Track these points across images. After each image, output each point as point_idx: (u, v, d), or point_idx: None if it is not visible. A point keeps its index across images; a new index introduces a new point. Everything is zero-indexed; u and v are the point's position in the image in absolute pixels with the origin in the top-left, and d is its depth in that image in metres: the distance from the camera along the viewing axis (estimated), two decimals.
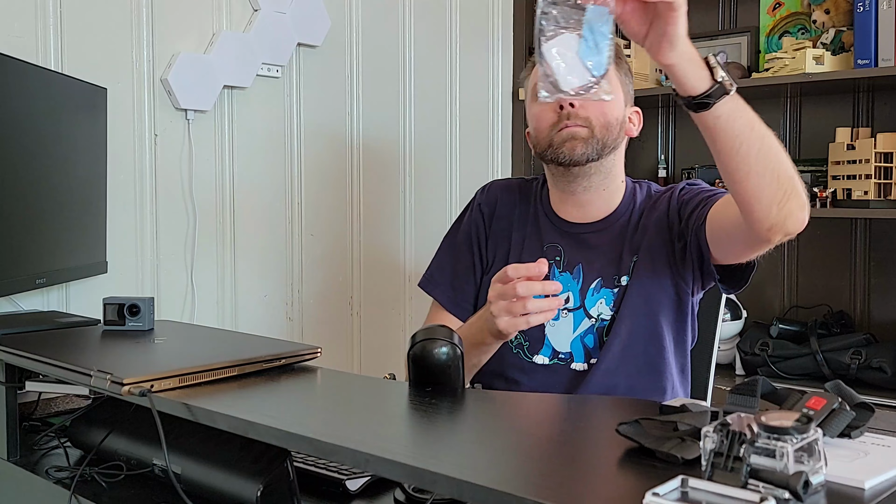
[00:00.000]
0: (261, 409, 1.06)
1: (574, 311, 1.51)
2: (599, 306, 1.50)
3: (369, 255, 2.51)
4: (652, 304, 1.48)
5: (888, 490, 0.71)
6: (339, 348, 2.45)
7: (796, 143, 2.72)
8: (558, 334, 1.50)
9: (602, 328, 1.49)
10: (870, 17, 2.33)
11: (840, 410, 0.79)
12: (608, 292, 1.50)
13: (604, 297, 1.50)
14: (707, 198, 1.43)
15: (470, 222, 1.66)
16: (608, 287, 1.50)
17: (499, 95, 2.90)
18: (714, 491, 0.66)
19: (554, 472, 0.81)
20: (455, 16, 2.75)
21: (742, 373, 2.57)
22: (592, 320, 1.50)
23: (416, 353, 1.09)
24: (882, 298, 2.55)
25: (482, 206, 1.66)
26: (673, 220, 1.48)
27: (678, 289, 1.49)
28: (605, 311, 1.49)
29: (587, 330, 1.50)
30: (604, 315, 1.49)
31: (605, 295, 1.50)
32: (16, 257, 1.57)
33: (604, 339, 1.48)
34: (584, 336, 1.50)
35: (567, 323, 1.50)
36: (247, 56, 2.13)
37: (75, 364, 1.15)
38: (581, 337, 1.50)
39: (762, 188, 1.16)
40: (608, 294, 1.50)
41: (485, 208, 1.66)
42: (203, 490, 1.08)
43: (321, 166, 2.38)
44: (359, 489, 1.12)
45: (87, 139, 1.79)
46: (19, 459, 1.36)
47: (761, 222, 1.19)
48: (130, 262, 1.98)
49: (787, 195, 1.18)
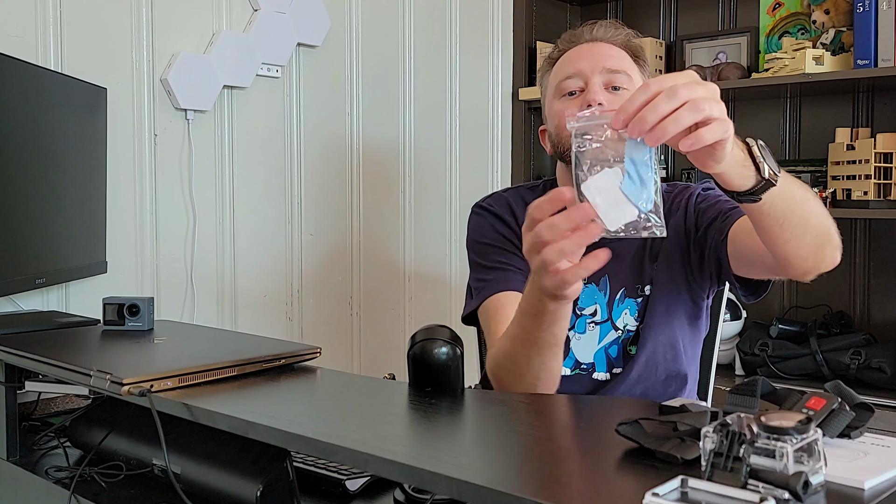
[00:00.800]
0: (261, 409, 1.06)
1: (601, 323, 1.45)
2: (625, 317, 1.44)
3: (369, 255, 2.51)
4: (671, 312, 1.44)
5: (888, 490, 0.71)
6: (339, 348, 2.45)
7: (796, 143, 2.72)
8: (583, 346, 1.45)
9: (627, 339, 1.44)
10: (870, 17, 2.33)
11: (840, 410, 0.79)
12: (632, 302, 1.45)
13: (628, 307, 1.45)
14: (728, 210, 1.35)
15: (485, 226, 1.53)
16: (631, 297, 1.45)
17: (499, 95, 2.90)
18: (714, 491, 0.66)
19: (554, 472, 0.81)
20: (455, 16, 2.75)
21: (742, 373, 2.57)
22: (619, 332, 1.44)
23: (416, 353, 1.09)
24: (882, 298, 2.55)
25: (493, 208, 1.54)
26: (690, 229, 1.43)
27: (693, 294, 1.45)
28: (630, 322, 1.44)
29: (612, 341, 1.44)
30: (629, 326, 1.44)
31: (629, 305, 1.45)
32: (16, 257, 1.57)
33: (628, 348, 1.43)
34: (609, 347, 1.44)
35: (593, 335, 1.45)
36: (247, 56, 2.13)
37: (75, 364, 1.15)
38: (606, 348, 1.45)
39: (800, 248, 1.13)
40: (632, 304, 1.45)
41: (498, 209, 1.54)
42: (203, 490, 1.08)
43: (321, 166, 2.38)
44: (359, 489, 1.12)
45: (87, 139, 1.79)
46: (19, 459, 1.36)
47: (797, 270, 1.18)
48: (130, 262, 1.98)
49: (823, 244, 1.16)
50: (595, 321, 1.45)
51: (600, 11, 3.10)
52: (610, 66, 1.43)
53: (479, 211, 1.57)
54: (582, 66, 1.44)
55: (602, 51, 1.46)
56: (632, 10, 3.05)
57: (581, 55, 1.46)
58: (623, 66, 1.45)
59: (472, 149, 2.82)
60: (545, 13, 3.00)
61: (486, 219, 1.54)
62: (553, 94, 1.49)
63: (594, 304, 1.45)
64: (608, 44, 1.47)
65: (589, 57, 1.45)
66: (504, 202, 1.55)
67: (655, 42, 2.85)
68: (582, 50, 1.47)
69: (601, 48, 1.47)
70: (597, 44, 1.47)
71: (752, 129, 2.80)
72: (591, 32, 1.48)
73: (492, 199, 1.58)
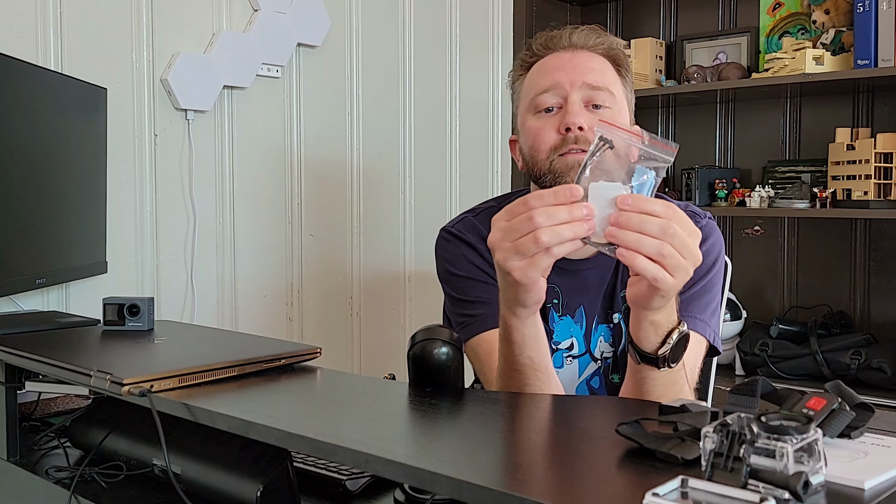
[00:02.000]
0: (261, 409, 1.06)
1: (579, 357, 1.38)
2: (601, 344, 1.39)
3: (369, 255, 2.51)
4: None
5: (888, 490, 0.70)
6: (339, 348, 2.45)
7: (796, 143, 2.72)
8: (563, 381, 1.33)
9: (607, 367, 1.39)
10: (870, 17, 2.33)
11: (840, 411, 0.79)
12: (605, 328, 1.39)
13: (602, 334, 1.39)
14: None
15: (457, 255, 1.42)
16: (604, 322, 1.39)
17: (499, 95, 2.90)
18: (714, 491, 0.65)
19: (554, 472, 0.81)
20: (455, 16, 2.75)
21: (742, 373, 2.57)
22: (598, 363, 1.39)
23: (416, 353, 1.09)
24: (882, 298, 2.55)
25: (464, 235, 1.43)
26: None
27: None
28: (606, 349, 1.39)
29: (593, 373, 1.39)
30: (606, 353, 1.39)
31: (602, 332, 1.39)
32: (16, 257, 1.57)
33: (610, 377, 1.38)
34: (591, 379, 1.39)
35: (572, 369, 1.38)
36: (247, 56, 2.13)
37: (75, 364, 1.15)
38: (587, 380, 1.39)
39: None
40: (605, 330, 1.39)
41: (468, 236, 1.42)
42: (203, 490, 1.08)
43: (321, 166, 2.38)
44: (359, 489, 1.12)
45: (87, 139, 1.79)
46: (19, 459, 1.36)
47: None
48: (130, 262, 1.98)
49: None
50: (573, 355, 1.38)
51: (600, 11, 3.10)
52: (591, 81, 1.31)
53: (449, 237, 1.45)
54: (560, 79, 1.31)
55: (582, 62, 1.33)
56: (632, 10, 3.05)
57: (559, 65, 1.33)
58: (605, 81, 1.32)
59: (472, 149, 2.82)
60: (545, 13, 3.00)
61: (456, 247, 1.42)
62: (528, 108, 1.36)
63: (570, 338, 1.38)
64: (589, 52, 1.34)
65: (568, 69, 1.32)
66: (474, 229, 1.43)
67: (655, 42, 2.85)
68: (560, 59, 1.34)
69: (581, 58, 1.33)
70: (577, 53, 1.34)
71: (752, 129, 2.80)
72: (570, 38, 1.34)
73: (461, 225, 1.45)
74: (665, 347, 1.08)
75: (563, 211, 0.96)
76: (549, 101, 1.32)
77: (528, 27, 2.93)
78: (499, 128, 2.91)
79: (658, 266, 0.96)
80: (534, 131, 1.33)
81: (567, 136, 1.29)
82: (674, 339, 1.08)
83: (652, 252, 0.96)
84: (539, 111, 1.33)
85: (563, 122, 1.29)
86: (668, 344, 1.08)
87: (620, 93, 1.35)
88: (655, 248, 0.96)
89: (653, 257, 0.96)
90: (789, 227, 2.72)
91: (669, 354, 1.08)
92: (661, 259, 0.96)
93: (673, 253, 0.96)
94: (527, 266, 0.99)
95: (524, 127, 1.36)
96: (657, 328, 1.08)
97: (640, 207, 0.96)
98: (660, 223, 0.95)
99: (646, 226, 0.95)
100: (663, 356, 1.09)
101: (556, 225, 0.96)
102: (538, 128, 1.32)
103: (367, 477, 1.13)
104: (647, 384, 1.13)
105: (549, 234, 0.96)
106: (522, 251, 0.98)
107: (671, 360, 1.09)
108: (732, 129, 2.84)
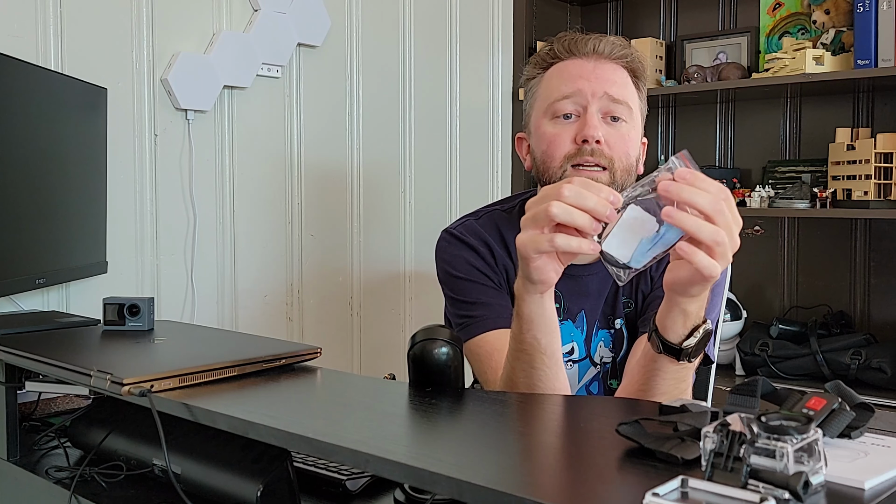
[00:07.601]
0: (261, 409, 1.06)
1: (579, 361, 1.38)
2: (601, 350, 1.39)
3: (369, 255, 2.51)
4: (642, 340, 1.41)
5: (888, 490, 0.70)
6: (339, 348, 2.45)
7: (796, 143, 2.72)
8: None
9: (606, 373, 1.39)
10: (870, 17, 2.33)
11: (840, 411, 0.79)
12: (605, 333, 1.39)
13: (602, 339, 1.39)
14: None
15: (458, 258, 1.41)
16: (604, 328, 1.39)
17: (499, 96, 2.90)
18: (714, 491, 0.65)
19: (554, 472, 0.81)
20: (455, 16, 2.75)
21: (742, 373, 2.57)
22: (597, 367, 1.39)
23: (416, 353, 1.09)
24: (882, 298, 2.55)
25: (466, 238, 1.42)
26: (644, 291, 1.40)
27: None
28: (605, 354, 1.39)
29: (593, 378, 1.39)
30: (605, 358, 1.39)
31: (603, 337, 1.39)
32: (16, 257, 1.57)
33: (608, 383, 1.39)
34: (590, 384, 1.40)
35: (571, 374, 1.37)
36: (247, 56, 2.13)
37: (75, 364, 1.15)
38: (586, 385, 1.39)
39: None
40: (606, 335, 1.39)
41: (470, 239, 1.42)
42: (203, 490, 1.08)
43: (321, 166, 2.38)
44: (359, 489, 1.12)
45: (87, 139, 1.79)
46: (19, 459, 1.36)
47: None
48: (130, 262, 1.98)
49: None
50: (573, 360, 1.38)
51: (600, 11, 3.10)
52: (613, 93, 1.30)
53: (450, 239, 1.44)
54: (582, 87, 1.30)
55: (605, 73, 1.32)
56: (632, 10, 3.05)
57: (581, 73, 1.32)
58: (625, 95, 1.32)
59: (472, 149, 2.82)
60: (545, 13, 3.00)
61: (457, 249, 1.42)
62: (544, 111, 1.34)
63: (571, 343, 1.38)
64: (613, 64, 1.33)
65: (591, 78, 1.31)
66: (475, 232, 1.42)
67: (655, 42, 2.85)
68: (583, 67, 1.32)
69: (604, 69, 1.32)
70: (600, 62, 1.32)
71: (752, 129, 2.80)
72: (595, 46, 1.33)
73: (463, 228, 1.44)
74: (691, 340, 1.06)
75: (590, 198, 0.97)
76: (567, 107, 1.31)
77: (528, 27, 2.93)
78: (499, 128, 2.91)
79: (709, 253, 0.94)
80: (549, 137, 1.32)
81: (583, 147, 1.29)
82: (700, 334, 1.06)
83: (707, 238, 0.93)
84: (556, 117, 1.32)
85: (580, 132, 1.29)
86: (695, 337, 1.06)
87: (637, 107, 1.36)
88: (711, 236, 0.93)
89: (708, 243, 0.94)
90: (789, 228, 2.72)
91: (693, 349, 1.06)
92: (715, 246, 0.94)
93: (725, 241, 0.94)
94: (530, 238, 1.01)
95: (539, 130, 1.35)
96: (686, 318, 1.05)
97: (698, 187, 0.93)
98: (724, 209, 0.94)
99: (719, 214, 0.93)
100: (687, 349, 1.06)
101: (573, 206, 0.97)
102: (554, 134, 1.32)
103: (367, 477, 1.13)
104: (658, 377, 1.11)
105: (560, 208, 0.97)
106: (534, 220, 1.00)
107: (692, 355, 1.07)
108: (732, 129, 2.84)
